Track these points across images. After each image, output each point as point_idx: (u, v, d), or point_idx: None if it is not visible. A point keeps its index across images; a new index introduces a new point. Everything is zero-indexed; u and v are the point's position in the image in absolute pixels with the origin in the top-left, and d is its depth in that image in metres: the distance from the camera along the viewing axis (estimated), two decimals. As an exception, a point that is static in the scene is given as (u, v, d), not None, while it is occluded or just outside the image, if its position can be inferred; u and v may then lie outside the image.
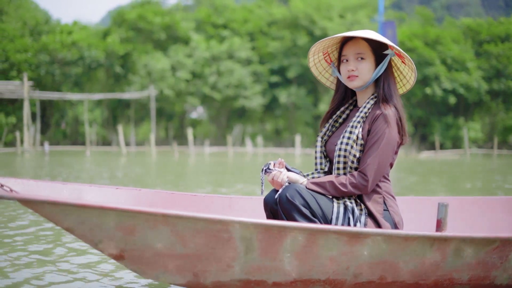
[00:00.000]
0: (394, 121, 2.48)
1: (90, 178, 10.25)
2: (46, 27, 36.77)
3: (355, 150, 2.49)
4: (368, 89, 2.61)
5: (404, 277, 2.35)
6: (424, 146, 38.91)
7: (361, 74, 2.55)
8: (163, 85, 36.45)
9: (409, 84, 2.75)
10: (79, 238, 2.11)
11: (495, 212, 3.38)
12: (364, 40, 2.57)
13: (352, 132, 2.51)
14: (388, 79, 2.58)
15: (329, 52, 2.73)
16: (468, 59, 38.51)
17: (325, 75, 2.81)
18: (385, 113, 2.48)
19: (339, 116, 2.70)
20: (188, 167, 15.35)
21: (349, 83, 2.59)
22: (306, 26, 38.99)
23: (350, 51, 2.57)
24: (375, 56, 2.57)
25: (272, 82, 39.05)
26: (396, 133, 2.49)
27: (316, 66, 2.77)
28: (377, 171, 2.46)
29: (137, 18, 38.16)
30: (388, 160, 2.50)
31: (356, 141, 2.50)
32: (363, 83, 2.57)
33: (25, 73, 28.54)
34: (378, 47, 2.57)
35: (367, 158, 2.46)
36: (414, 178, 11.92)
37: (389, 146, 2.47)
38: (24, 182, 2.52)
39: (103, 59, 36.15)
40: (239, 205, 3.12)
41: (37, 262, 3.23)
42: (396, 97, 2.57)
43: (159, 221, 2.08)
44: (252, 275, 2.24)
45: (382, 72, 2.56)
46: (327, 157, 2.67)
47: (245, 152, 30.71)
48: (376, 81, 2.61)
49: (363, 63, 2.55)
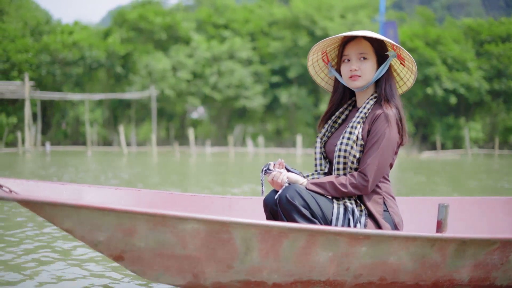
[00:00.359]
0: (394, 121, 2.48)
1: (95, 178, 10.21)
2: (47, 27, 36.79)
3: (355, 150, 2.49)
4: (368, 89, 2.61)
5: (404, 278, 2.35)
6: (425, 146, 38.90)
7: (363, 74, 2.55)
8: (164, 85, 36.47)
9: (405, 86, 2.74)
10: (79, 239, 2.11)
11: (495, 213, 3.37)
12: (366, 40, 2.56)
13: (352, 132, 2.51)
14: (390, 80, 2.58)
15: (327, 52, 2.72)
16: (469, 59, 38.51)
17: (320, 74, 2.80)
18: (386, 113, 2.47)
19: (338, 116, 2.70)
20: (191, 167, 15.35)
21: (351, 83, 2.59)
22: (307, 26, 38.99)
23: (352, 51, 2.56)
24: (377, 56, 2.57)
25: (273, 82, 39.05)
26: (396, 133, 2.49)
27: (313, 66, 2.76)
28: (377, 171, 2.45)
29: (138, 18, 38.19)
30: (388, 160, 2.50)
31: (356, 141, 2.49)
32: (365, 83, 2.57)
33: (27, 73, 28.55)
34: (380, 48, 2.57)
35: (367, 159, 2.46)
36: (421, 178, 11.93)
37: (389, 146, 2.47)
38: (24, 183, 2.51)
39: (104, 59, 36.17)
40: (239, 206, 3.11)
41: (31, 261, 3.24)
42: (397, 97, 2.57)
43: (159, 222, 2.08)
44: (252, 276, 2.24)
45: (384, 72, 2.57)
46: (326, 158, 2.67)
47: (246, 152, 30.72)
48: (376, 81, 2.60)
49: (365, 63, 2.55)
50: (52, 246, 3.70)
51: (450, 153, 33.74)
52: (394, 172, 13.91)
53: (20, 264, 3.17)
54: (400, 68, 2.69)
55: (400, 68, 2.69)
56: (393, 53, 2.55)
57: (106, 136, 38.33)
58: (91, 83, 37.73)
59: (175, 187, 8.53)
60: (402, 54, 2.58)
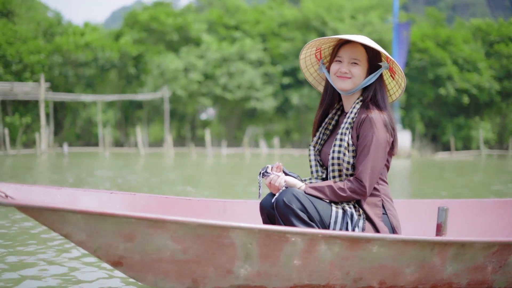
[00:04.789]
0: (380, 123, 2.48)
1: (138, 186, 9.02)
2: (59, 28, 36.81)
3: (348, 156, 2.50)
4: (354, 93, 2.61)
5: (403, 281, 2.36)
6: (435, 147, 38.89)
7: (353, 77, 2.56)
8: (175, 86, 36.49)
9: (391, 98, 2.75)
10: (77, 244, 2.08)
11: (489, 215, 3.37)
12: (362, 46, 2.57)
13: (342, 139, 2.52)
14: (382, 89, 2.59)
15: (321, 49, 2.72)
16: (479, 60, 38.53)
17: (310, 69, 2.81)
18: (370, 116, 2.48)
19: (329, 123, 2.71)
20: (219, 168, 15.24)
21: (338, 82, 2.59)
22: (317, 27, 38.97)
23: (346, 54, 2.57)
24: (369, 64, 2.57)
25: (284, 83, 39.08)
26: (384, 133, 2.49)
27: (305, 59, 2.76)
28: (371, 175, 2.46)
29: (150, 19, 38.22)
30: (382, 163, 2.50)
31: (348, 147, 2.51)
32: (353, 86, 2.57)
33: (42, 75, 28.57)
34: (373, 57, 2.58)
35: (359, 164, 2.47)
36: (477, 178, 11.78)
37: (379, 148, 2.47)
38: (18, 187, 2.47)
39: (117, 60, 36.20)
40: (234, 210, 3.11)
41: (29, 264, 3.19)
42: (389, 107, 2.58)
43: (159, 226, 2.07)
44: (252, 281, 2.23)
45: (372, 81, 2.57)
46: (323, 165, 2.68)
47: (260, 153, 30.69)
48: (363, 88, 2.61)
49: (355, 68, 2.55)
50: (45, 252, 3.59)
51: (463, 154, 33.70)
52: (448, 173, 13.82)
53: (17, 267, 3.11)
54: (389, 80, 2.71)
55: (389, 80, 2.71)
56: (386, 64, 2.56)
57: (117, 137, 38.33)
58: (102, 84, 37.74)
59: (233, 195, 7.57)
60: (394, 68, 2.59)
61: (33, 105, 32.33)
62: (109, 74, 37.66)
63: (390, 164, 2.61)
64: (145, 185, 9.08)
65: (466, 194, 8.19)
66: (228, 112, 40.01)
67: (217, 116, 41.09)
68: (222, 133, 39.95)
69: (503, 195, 7.98)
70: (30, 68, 33.09)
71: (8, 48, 31.70)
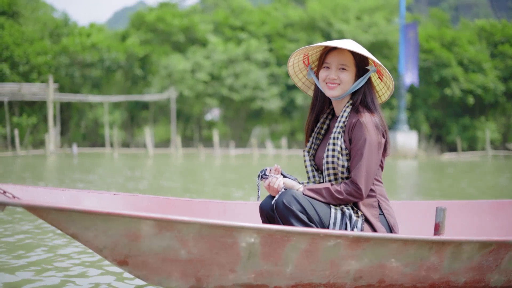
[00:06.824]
0: (371, 125, 2.52)
1: (169, 188, 8.75)
2: (65, 29, 36.86)
3: (342, 160, 2.54)
4: (344, 98, 2.65)
5: (402, 280, 2.41)
6: (441, 148, 38.91)
7: (341, 83, 2.59)
8: (182, 86, 36.53)
9: (380, 99, 2.79)
10: (84, 244, 2.12)
11: (488, 216, 3.43)
12: (349, 51, 2.60)
13: (335, 143, 2.56)
14: (371, 92, 2.63)
15: (309, 55, 2.75)
16: (484, 60, 38.57)
17: (299, 75, 2.84)
18: (361, 120, 2.52)
19: (321, 127, 2.74)
20: (244, 170, 15.16)
21: (327, 90, 2.62)
22: (322, 28, 39.01)
23: (333, 60, 2.60)
24: (357, 69, 2.61)
25: (290, 84, 39.14)
26: (376, 135, 2.52)
27: (293, 66, 2.79)
28: (367, 178, 2.50)
29: (156, 20, 38.27)
30: (376, 165, 2.54)
31: (341, 151, 2.54)
32: (342, 92, 2.61)
33: (51, 76, 28.61)
34: (361, 61, 2.61)
35: (354, 168, 2.51)
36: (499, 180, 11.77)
37: (372, 151, 2.51)
38: (24, 188, 2.53)
39: (123, 61, 36.26)
40: (234, 211, 3.15)
41: (30, 264, 3.24)
42: (379, 108, 2.62)
43: (165, 226, 2.11)
44: (254, 280, 2.28)
45: (361, 85, 2.61)
46: (318, 170, 2.71)
47: (268, 154, 30.69)
48: (353, 92, 2.65)
49: (344, 74, 2.59)
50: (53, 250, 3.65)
51: (470, 155, 33.70)
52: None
53: (18, 269, 3.14)
54: (378, 82, 2.75)
55: (377, 82, 2.75)
56: (374, 68, 2.60)
57: (124, 138, 38.38)
58: (108, 85, 37.80)
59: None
60: (381, 71, 2.63)
61: (40, 106, 32.39)
62: (115, 75, 37.71)
63: (384, 164, 2.64)
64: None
65: (497, 196, 8.11)
66: (233, 112, 40.03)
67: (222, 117, 41.11)
68: (228, 133, 39.98)
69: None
70: (37, 69, 33.14)
71: (16, 49, 31.75)
